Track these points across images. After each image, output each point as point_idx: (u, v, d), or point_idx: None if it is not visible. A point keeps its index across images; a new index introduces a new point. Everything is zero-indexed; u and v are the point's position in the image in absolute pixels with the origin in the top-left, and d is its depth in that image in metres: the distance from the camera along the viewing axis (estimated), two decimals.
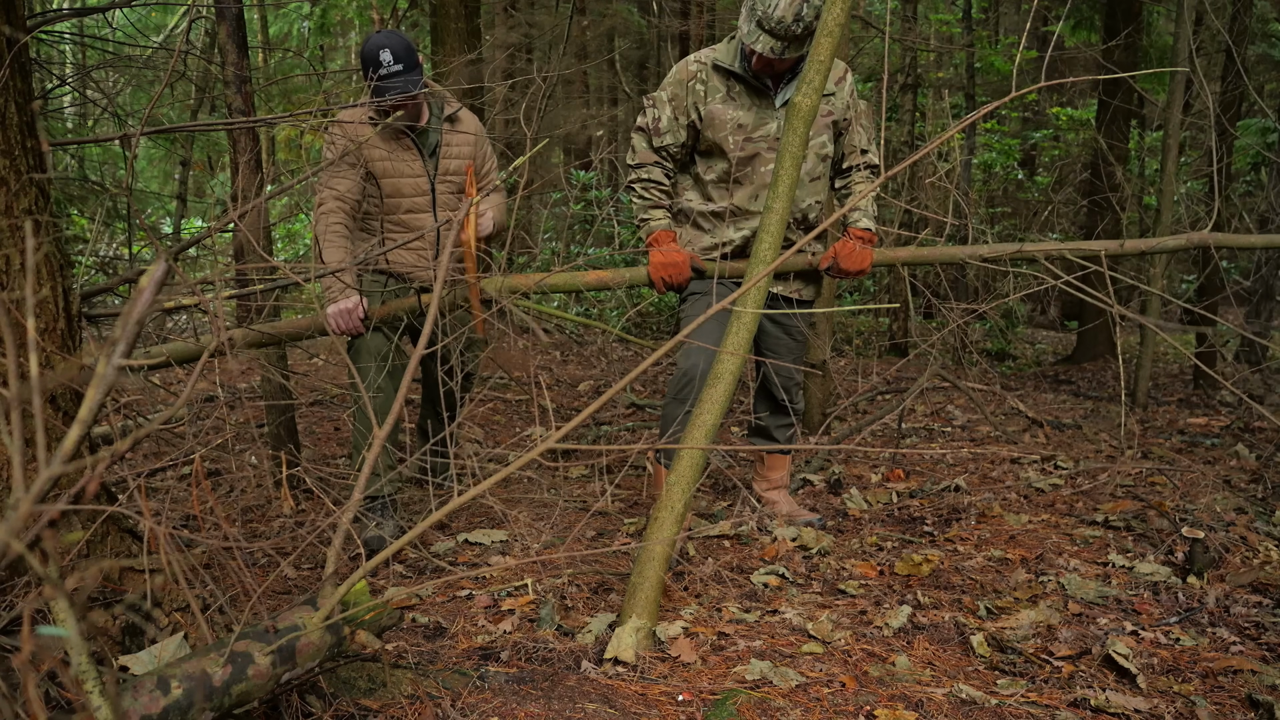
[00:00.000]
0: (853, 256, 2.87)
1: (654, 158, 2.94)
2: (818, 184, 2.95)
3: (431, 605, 2.46)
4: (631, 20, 11.05)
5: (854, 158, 2.99)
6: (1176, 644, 2.22)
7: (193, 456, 1.85)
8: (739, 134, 2.85)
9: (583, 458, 3.91)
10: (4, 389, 1.61)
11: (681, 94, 2.87)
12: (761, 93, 2.86)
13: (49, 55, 7.36)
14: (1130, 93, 7.42)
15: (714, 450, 3.08)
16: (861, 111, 2.96)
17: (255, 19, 11.62)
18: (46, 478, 0.75)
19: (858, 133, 2.97)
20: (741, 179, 2.90)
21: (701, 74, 2.85)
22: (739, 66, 2.82)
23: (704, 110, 2.85)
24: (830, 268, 2.91)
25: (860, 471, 3.83)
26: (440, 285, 1.80)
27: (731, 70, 2.82)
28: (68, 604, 0.85)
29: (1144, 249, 2.91)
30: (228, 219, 2.01)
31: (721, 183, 2.93)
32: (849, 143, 2.98)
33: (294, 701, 1.69)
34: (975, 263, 2.89)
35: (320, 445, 4.22)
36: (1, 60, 1.68)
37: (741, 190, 2.91)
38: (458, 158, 3.06)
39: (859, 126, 2.96)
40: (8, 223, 1.70)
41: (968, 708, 1.91)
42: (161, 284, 0.87)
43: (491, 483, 1.63)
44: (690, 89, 2.86)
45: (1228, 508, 3.12)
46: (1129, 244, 2.87)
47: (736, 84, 2.85)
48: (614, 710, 1.85)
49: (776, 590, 2.59)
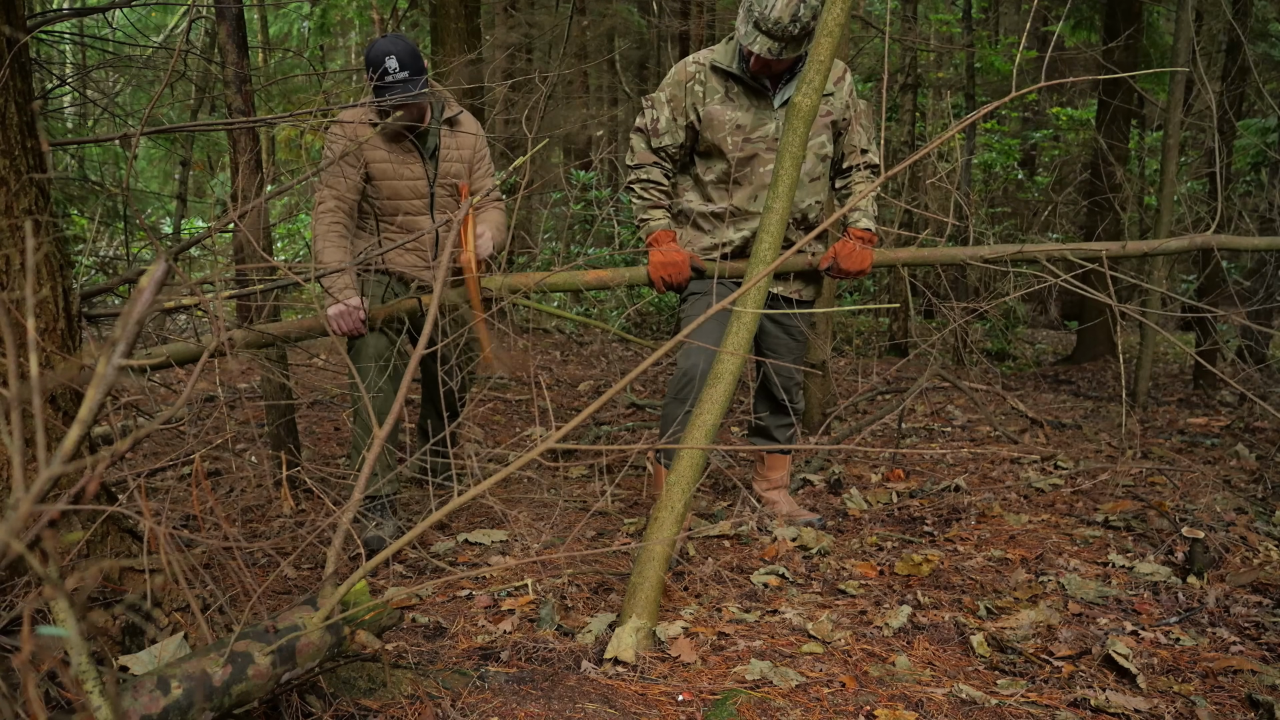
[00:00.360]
0: (853, 257, 2.88)
1: (653, 158, 2.94)
2: (817, 184, 2.95)
3: (431, 605, 2.46)
4: (631, 20, 11.05)
5: (854, 157, 2.99)
6: (1176, 644, 2.22)
7: (193, 456, 1.85)
8: (737, 135, 2.85)
9: (583, 458, 3.91)
10: (4, 389, 1.61)
11: (680, 95, 2.87)
12: (760, 93, 2.86)
13: (49, 55, 7.36)
14: (1130, 93, 7.42)
15: (714, 450, 3.08)
16: (861, 111, 2.96)
17: (255, 19, 11.62)
18: (46, 478, 0.75)
19: (857, 132, 2.97)
20: (740, 180, 2.90)
21: (700, 75, 2.85)
22: (737, 68, 2.82)
23: (702, 111, 2.85)
24: (830, 268, 2.91)
25: (860, 471, 3.83)
26: (440, 286, 1.80)
27: (730, 71, 2.82)
28: (68, 604, 0.85)
29: (1146, 250, 2.90)
30: (228, 219, 2.01)
31: (721, 183, 2.93)
32: (848, 143, 2.98)
33: (294, 701, 1.69)
34: (976, 264, 2.89)
35: (320, 445, 4.22)
36: (1, 60, 1.68)
37: (740, 191, 2.91)
38: (457, 160, 3.06)
39: (858, 126, 2.96)
40: (8, 223, 1.70)
41: (968, 708, 1.91)
42: (161, 284, 0.87)
43: (491, 483, 1.63)
44: (689, 90, 2.85)
45: (1228, 508, 3.12)
46: (1131, 245, 2.87)
47: (735, 85, 2.85)
48: (614, 710, 1.85)
49: (776, 590, 2.59)
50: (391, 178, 2.95)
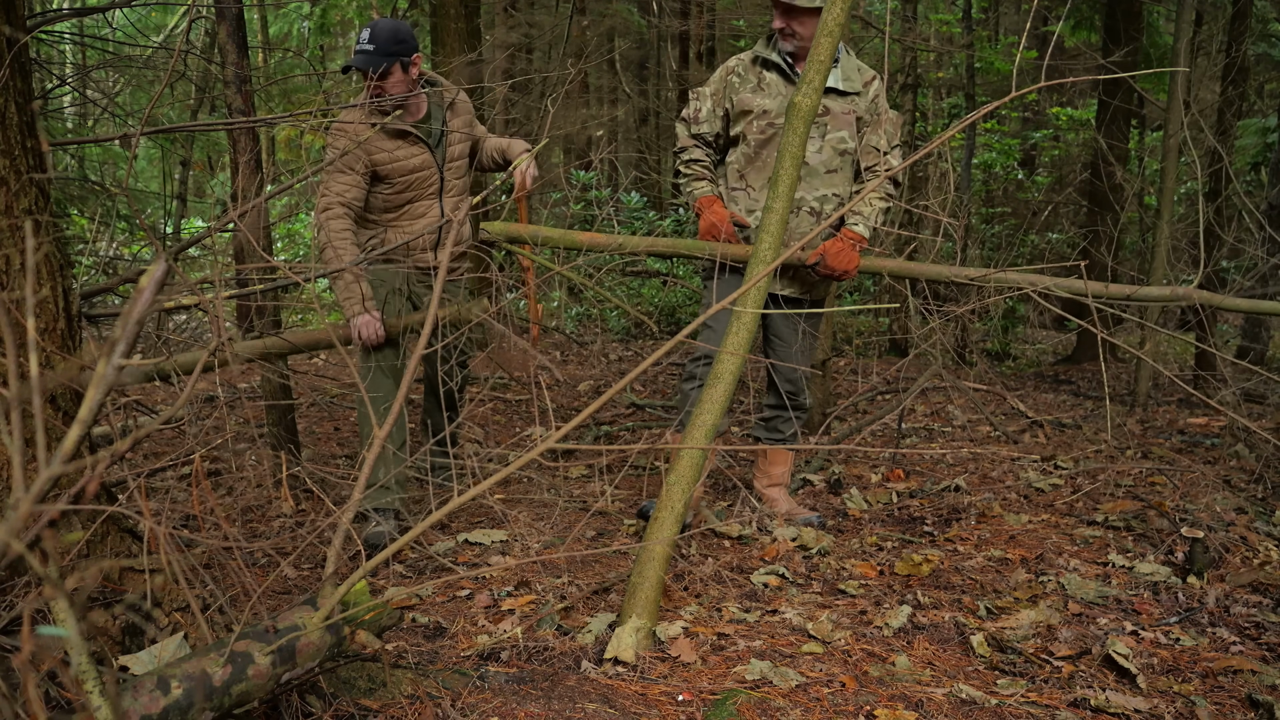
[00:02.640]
0: (840, 256, 2.96)
1: (693, 142, 3.15)
2: (834, 176, 3.05)
3: (431, 605, 2.46)
4: (631, 20, 11.05)
5: (870, 157, 3.09)
6: (1176, 644, 2.22)
7: (193, 456, 1.85)
8: (762, 119, 3.01)
9: (583, 458, 3.91)
10: (4, 389, 1.61)
11: (721, 88, 3.09)
12: (791, 80, 3.03)
13: (49, 55, 7.36)
14: (1130, 93, 7.42)
15: (714, 450, 3.08)
16: (888, 118, 3.10)
17: (255, 19, 11.62)
18: (46, 478, 0.75)
19: (878, 134, 3.08)
20: (761, 165, 3.05)
21: (739, 68, 3.07)
22: (773, 53, 3.02)
23: (735, 100, 3.05)
24: (818, 264, 2.98)
25: (860, 471, 3.83)
26: (440, 284, 1.80)
27: (767, 59, 3.02)
28: (68, 604, 0.85)
29: (1128, 295, 3.02)
30: (228, 219, 2.01)
31: (748, 167, 3.09)
32: (867, 143, 3.09)
33: (294, 701, 1.69)
34: (962, 281, 2.95)
35: (320, 445, 4.22)
36: (1, 60, 1.68)
37: (760, 175, 3.06)
38: (461, 142, 3.08)
39: (881, 130, 3.08)
40: (8, 223, 1.70)
41: (968, 708, 1.91)
42: (161, 284, 0.87)
43: (491, 483, 1.63)
44: (728, 82, 3.07)
45: (1228, 508, 3.12)
46: (1113, 288, 3.00)
47: (769, 73, 3.04)
48: (614, 710, 1.85)
49: (776, 590, 2.59)
50: (402, 173, 2.95)
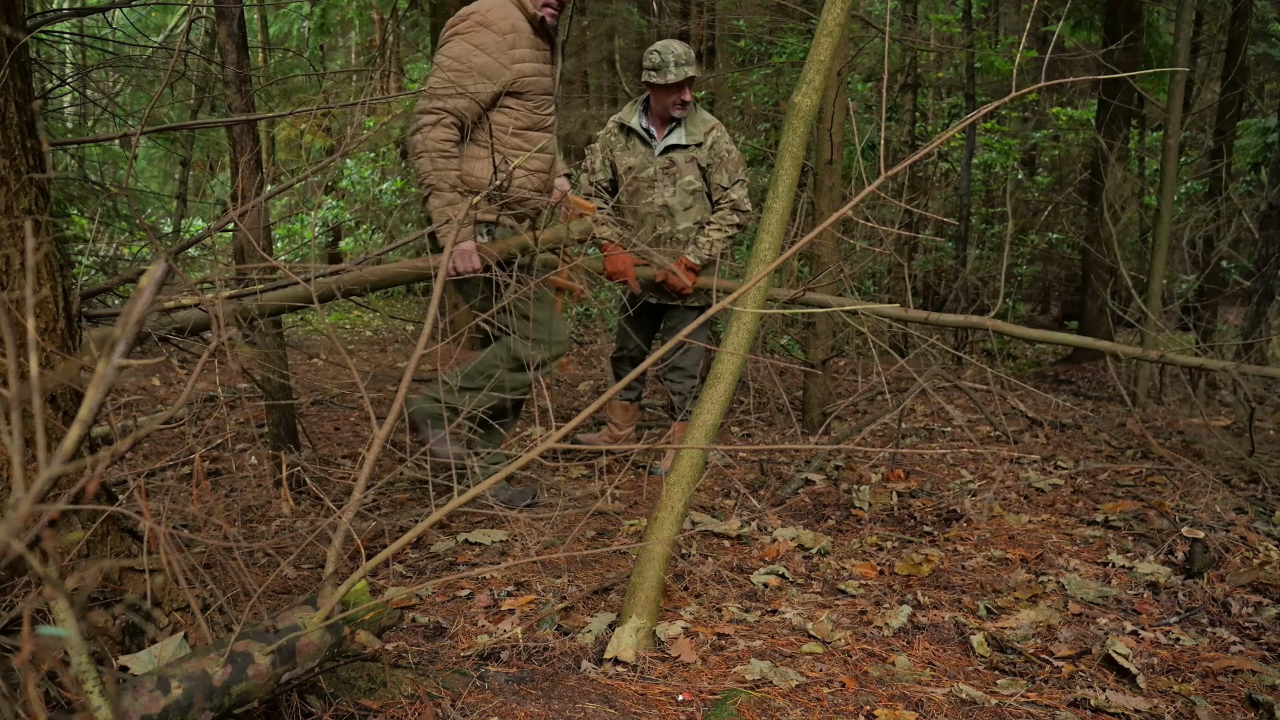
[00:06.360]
0: (674, 279, 3.85)
1: (593, 189, 4.06)
2: (690, 211, 3.92)
3: (431, 605, 2.46)
4: (631, 20, 11.05)
5: (717, 193, 3.91)
6: (1176, 644, 2.22)
7: (193, 456, 1.85)
8: (628, 175, 3.91)
9: (583, 458, 3.91)
10: (4, 389, 1.61)
11: (603, 146, 4.00)
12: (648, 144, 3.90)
13: (49, 55, 7.36)
14: (1130, 93, 7.42)
15: (714, 450, 3.08)
16: (728, 159, 3.86)
17: (255, 19, 11.62)
18: (46, 478, 0.75)
19: (721, 173, 3.87)
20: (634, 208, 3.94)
21: (614, 128, 3.97)
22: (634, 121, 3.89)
23: (614, 155, 3.97)
24: (664, 281, 3.84)
25: (860, 471, 3.83)
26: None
27: (629, 126, 3.90)
28: (68, 604, 0.85)
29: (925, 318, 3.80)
30: (228, 219, 2.01)
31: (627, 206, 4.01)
32: (714, 181, 3.89)
33: (294, 701, 1.69)
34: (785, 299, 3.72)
35: (320, 445, 4.22)
36: (1, 60, 1.68)
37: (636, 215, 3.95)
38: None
39: (724, 170, 3.87)
40: (8, 223, 1.70)
41: (968, 708, 1.91)
42: (161, 284, 0.87)
43: (491, 483, 1.63)
44: (607, 141, 3.99)
45: (1228, 508, 3.12)
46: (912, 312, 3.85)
47: (631, 138, 3.92)
48: (614, 710, 1.85)
49: (776, 590, 2.59)
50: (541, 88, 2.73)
